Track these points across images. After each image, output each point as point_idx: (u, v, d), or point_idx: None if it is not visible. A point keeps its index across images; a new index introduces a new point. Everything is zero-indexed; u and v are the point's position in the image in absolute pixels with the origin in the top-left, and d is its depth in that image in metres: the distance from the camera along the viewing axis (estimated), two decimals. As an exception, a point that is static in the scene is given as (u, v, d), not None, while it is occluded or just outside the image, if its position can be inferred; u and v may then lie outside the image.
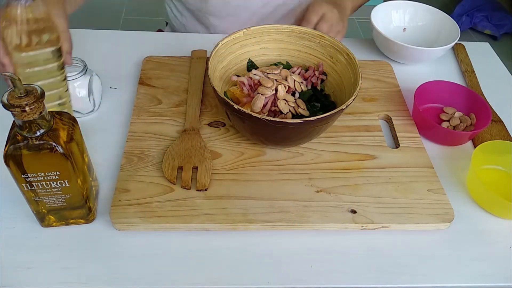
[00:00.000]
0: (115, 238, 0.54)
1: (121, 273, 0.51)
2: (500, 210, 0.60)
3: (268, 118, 0.54)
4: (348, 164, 0.63)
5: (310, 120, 0.55)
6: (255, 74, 0.64)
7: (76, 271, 0.51)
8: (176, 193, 0.57)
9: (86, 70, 0.65)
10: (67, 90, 0.61)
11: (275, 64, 0.70)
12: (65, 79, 0.60)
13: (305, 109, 0.63)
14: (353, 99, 0.57)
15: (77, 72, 0.64)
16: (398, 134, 0.68)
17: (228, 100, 0.56)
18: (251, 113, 0.54)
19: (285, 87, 0.62)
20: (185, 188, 0.57)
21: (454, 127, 0.71)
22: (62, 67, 0.58)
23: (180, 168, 0.59)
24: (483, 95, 0.78)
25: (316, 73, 0.68)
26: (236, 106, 0.55)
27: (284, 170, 0.62)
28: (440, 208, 0.58)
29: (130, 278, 0.51)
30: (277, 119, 0.54)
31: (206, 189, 0.58)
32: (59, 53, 0.57)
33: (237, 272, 0.52)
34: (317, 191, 0.59)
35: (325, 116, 0.55)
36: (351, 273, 0.53)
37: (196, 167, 0.60)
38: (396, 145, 0.67)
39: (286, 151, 0.64)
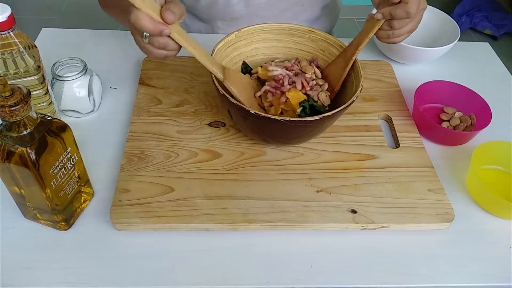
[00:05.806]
0: (115, 238, 0.54)
1: (121, 273, 0.51)
2: (500, 210, 0.60)
3: (269, 116, 0.54)
4: (348, 164, 0.63)
5: (327, 115, 0.55)
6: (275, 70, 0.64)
7: (76, 271, 0.51)
8: (176, 193, 0.57)
9: (86, 70, 0.65)
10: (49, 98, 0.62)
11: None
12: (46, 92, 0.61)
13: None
14: (356, 97, 0.57)
15: (77, 72, 0.64)
16: (398, 134, 0.68)
17: (229, 97, 0.55)
18: (251, 111, 0.54)
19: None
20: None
21: (454, 127, 0.71)
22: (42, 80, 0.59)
23: None
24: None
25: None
26: (235, 103, 0.55)
27: (284, 170, 0.62)
28: (440, 208, 0.58)
29: (130, 278, 0.51)
30: (278, 118, 0.54)
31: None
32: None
33: (237, 272, 0.52)
34: (317, 191, 0.59)
35: (335, 112, 0.55)
36: (351, 273, 0.53)
37: None
38: (396, 145, 0.67)
39: (286, 151, 0.64)
